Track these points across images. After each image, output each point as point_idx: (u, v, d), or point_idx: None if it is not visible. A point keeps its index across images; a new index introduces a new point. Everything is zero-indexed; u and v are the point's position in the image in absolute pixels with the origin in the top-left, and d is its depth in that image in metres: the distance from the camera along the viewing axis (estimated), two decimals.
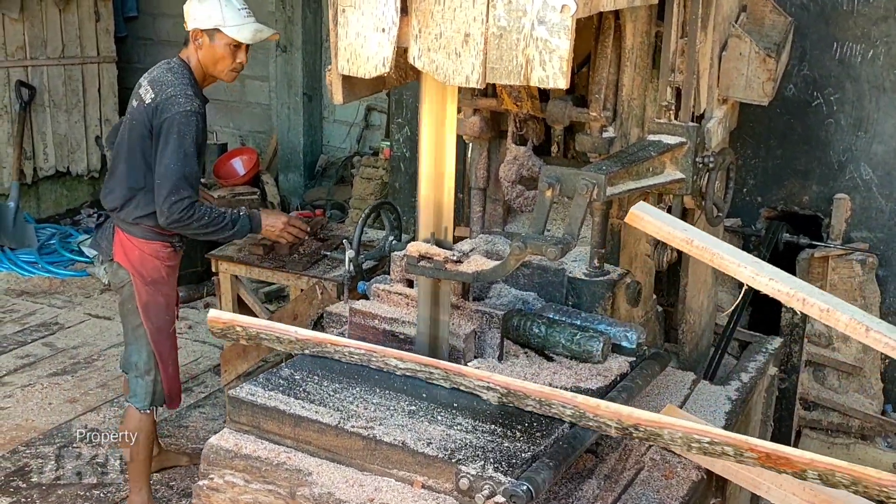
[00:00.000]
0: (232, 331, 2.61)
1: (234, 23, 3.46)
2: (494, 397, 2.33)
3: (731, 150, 3.17)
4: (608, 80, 2.81)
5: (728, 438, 2.03)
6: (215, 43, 3.49)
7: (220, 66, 3.54)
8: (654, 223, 2.43)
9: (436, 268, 2.53)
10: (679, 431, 2.09)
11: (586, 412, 2.19)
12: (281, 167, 8.25)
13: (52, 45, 7.67)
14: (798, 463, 1.96)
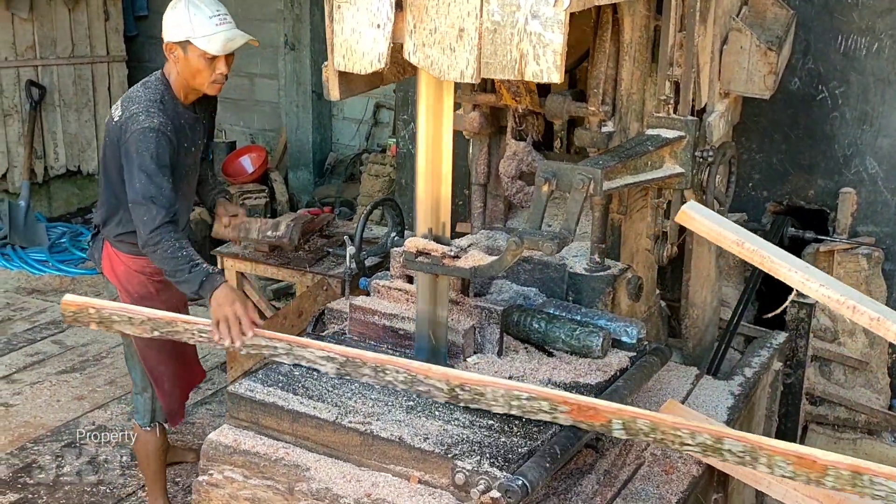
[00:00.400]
0: (84, 314, 2.68)
1: (204, 33, 3.21)
2: (333, 368, 2.46)
3: (733, 143, 3.16)
4: (607, 74, 2.80)
5: (542, 393, 2.21)
6: (189, 55, 3.24)
7: (199, 80, 3.29)
8: (705, 223, 2.40)
9: (433, 263, 2.53)
10: (501, 389, 2.26)
11: (417, 375, 2.33)
12: (290, 165, 8.26)
13: (61, 44, 7.70)
14: (605, 413, 2.14)
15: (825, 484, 1.97)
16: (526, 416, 2.26)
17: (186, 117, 3.37)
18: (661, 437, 2.13)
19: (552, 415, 2.23)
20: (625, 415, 2.12)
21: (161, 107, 3.25)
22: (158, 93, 3.29)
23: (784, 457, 1.99)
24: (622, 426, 2.16)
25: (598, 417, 2.16)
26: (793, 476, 2.00)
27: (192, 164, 3.46)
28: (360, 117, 8.02)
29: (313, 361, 2.52)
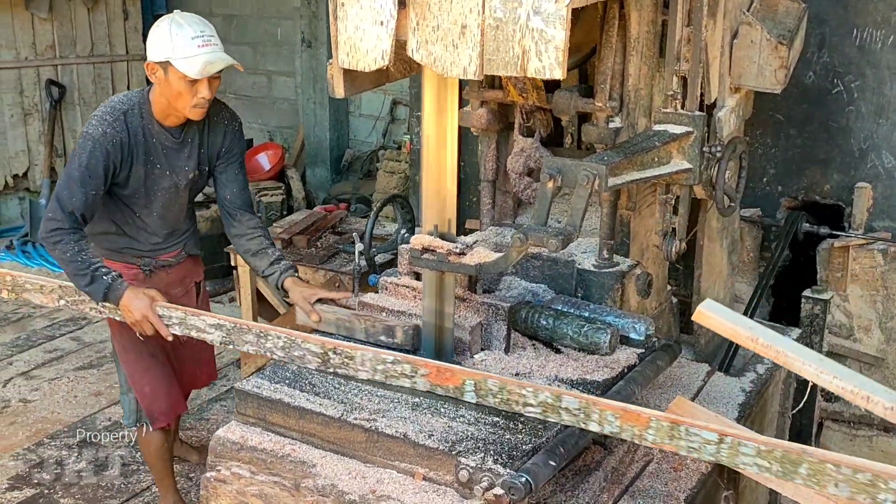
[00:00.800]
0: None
1: (184, 55, 3.06)
2: (220, 336, 2.69)
3: (744, 138, 3.14)
4: (614, 69, 2.78)
5: (405, 358, 2.37)
6: (169, 77, 3.10)
7: (181, 103, 3.15)
8: (721, 321, 2.44)
9: (438, 260, 2.53)
10: (369, 353, 2.39)
11: (296, 340, 2.50)
12: (308, 162, 8.29)
13: (81, 43, 7.77)
14: (460, 376, 2.29)
15: (647, 438, 2.10)
16: (389, 379, 2.39)
17: (162, 138, 3.26)
18: (508, 398, 2.24)
19: (412, 379, 2.37)
20: (476, 377, 2.29)
21: (121, 118, 3.16)
22: (129, 104, 3.21)
23: (613, 411, 2.12)
24: (473, 387, 2.29)
25: (453, 380, 2.32)
26: (619, 430, 2.14)
27: (172, 188, 3.35)
28: (377, 114, 8.05)
29: (203, 330, 2.75)
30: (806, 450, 1.97)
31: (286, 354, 2.54)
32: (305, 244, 4.42)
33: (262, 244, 3.35)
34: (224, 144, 3.40)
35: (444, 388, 2.32)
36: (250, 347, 2.64)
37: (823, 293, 3.91)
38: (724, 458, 2.04)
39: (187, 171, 3.35)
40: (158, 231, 3.41)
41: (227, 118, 3.43)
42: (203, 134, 3.36)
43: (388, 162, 6.92)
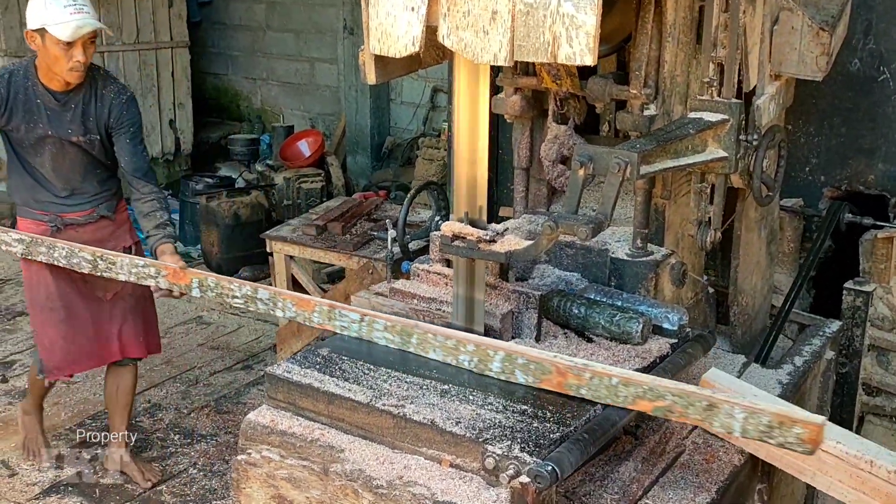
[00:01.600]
0: None
1: (57, 21, 3.44)
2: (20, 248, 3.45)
3: (783, 127, 3.08)
4: (649, 56, 2.74)
5: (151, 262, 3.20)
6: (46, 43, 3.49)
7: (58, 67, 3.53)
8: (726, 391, 2.44)
9: (469, 247, 2.52)
10: (126, 259, 3.25)
11: (74, 249, 3.24)
12: (349, 149, 8.33)
13: (126, 30, 7.87)
14: (190, 275, 3.12)
15: (314, 320, 2.75)
16: (140, 281, 3.27)
17: (45, 99, 3.63)
18: (221, 292, 2.98)
19: (156, 279, 3.20)
20: (200, 275, 3.08)
21: (6, 76, 3.63)
22: (18, 67, 3.67)
23: (291, 300, 2.78)
24: (198, 284, 3.07)
25: (184, 279, 3.13)
26: (295, 314, 2.81)
27: (57, 145, 3.69)
28: (418, 101, 8.05)
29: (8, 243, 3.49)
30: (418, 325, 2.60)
31: (68, 262, 3.33)
32: (340, 231, 4.44)
33: (153, 207, 3.72)
34: (112, 116, 3.73)
35: (178, 286, 3.19)
36: (43, 257, 3.40)
37: (866, 285, 3.83)
38: (365, 332, 2.66)
39: (70, 133, 3.68)
40: (57, 186, 3.76)
41: (115, 91, 3.76)
42: (89, 103, 3.70)
43: (427, 149, 6.92)
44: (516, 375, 2.41)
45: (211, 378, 4.82)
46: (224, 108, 9.36)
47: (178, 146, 8.39)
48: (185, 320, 5.57)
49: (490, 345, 2.46)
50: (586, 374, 2.31)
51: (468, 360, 2.49)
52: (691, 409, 2.16)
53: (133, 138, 3.76)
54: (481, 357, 2.47)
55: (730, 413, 2.11)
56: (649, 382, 2.22)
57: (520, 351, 2.42)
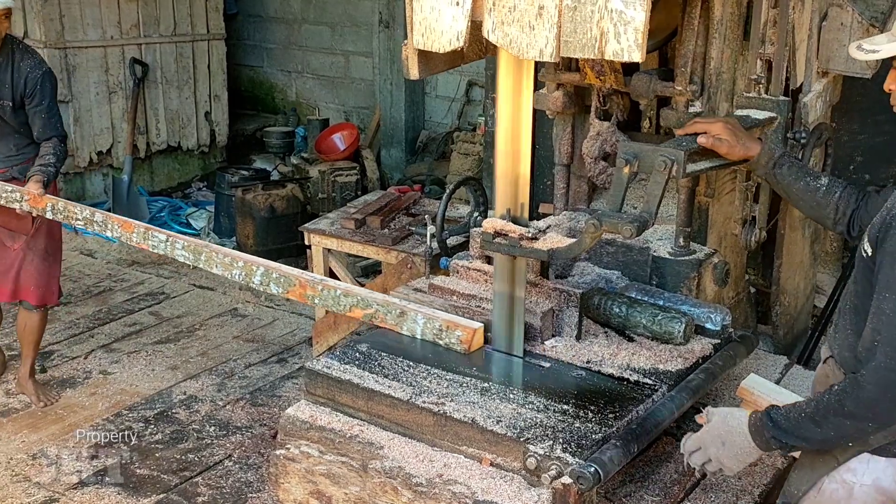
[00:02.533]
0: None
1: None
2: None
3: (831, 124, 3.03)
4: (695, 52, 2.70)
5: (19, 189, 3.98)
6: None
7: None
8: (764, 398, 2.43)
9: (511, 245, 2.51)
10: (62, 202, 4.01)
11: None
12: (383, 142, 8.31)
13: (164, 23, 7.90)
14: (45, 200, 3.92)
15: (133, 238, 3.63)
16: (8, 204, 4.01)
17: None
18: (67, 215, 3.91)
19: (20, 203, 3.93)
20: (53, 200, 3.93)
21: None
22: None
23: (118, 222, 3.70)
24: (51, 208, 3.89)
25: (41, 203, 3.89)
26: (120, 235, 3.69)
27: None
28: (453, 95, 8.01)
29: None
30: (209, 245, 3.43)
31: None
32: (379, 225, 4.43)
33: (45, 152, 4.14)
34: (27, 87, 4.08)
35: (36, 209, 3.91)
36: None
37: None
38: (169, 252, 3.49)
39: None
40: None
41: (31, 66, 4.11)
42: (6, 72, 4.06)
43: (463, 143, 6.88)
44: (271, 288, 3.13)
45: (246, 371, 4.83)
46: (259, 100, 9.37)
47: (214, 138, 8.41)
48: (220, 312, 5.58)
49: (254, 262, 3.20)
50: (319, 286, 3.00)
51: (238, 274, 3.22)
52: (389, 315, 2.77)
53: (47, 111, 4.16)
54: (247, 272, 3.19)
55: (414, 319, 2.71)
56: (363, 294, 2.91)
57: (274, 267, 3.15)
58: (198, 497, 3.75)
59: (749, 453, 2.14)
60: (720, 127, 2.45)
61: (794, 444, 2.10)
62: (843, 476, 2.12)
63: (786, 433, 2.07)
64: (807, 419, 2.05)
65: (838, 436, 2.04)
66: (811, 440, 2.08)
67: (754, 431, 2.11)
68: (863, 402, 1.97)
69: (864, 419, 1.99)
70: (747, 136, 2.48)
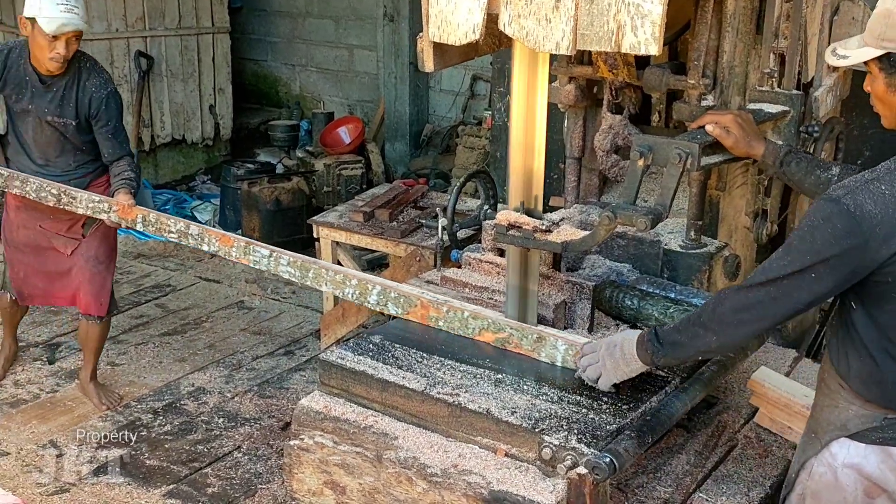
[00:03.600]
0: None
1: (47, 14, 3.78)
2: None
3: (842, 119, 3.04)
4: (708, 46, 2.72)
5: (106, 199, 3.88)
6: (35, 32, 3.84)
7: (42, 55, 3.87)
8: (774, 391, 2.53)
9: (525, 237, 2.52)
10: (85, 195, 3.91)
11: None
12: (388, 136, 8.33)
13: (169, 16, 7.90)
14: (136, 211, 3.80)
15: (232, 254, 3.38)
16: (95, 214, 3.92)
17: (32, 78, 3.99)
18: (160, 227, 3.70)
19: (108, 214, 3.83)
20: (143, 212, 3.75)
21: (5, 51, 4.02)
22: (16, 45, 4.06)
23: (216, 237, 3.47)
24: (142, 220, 3.74)
25: (130, 214, 3.77)
26: (218, 249, 3.44)
27: (35, 121, 4.04)
28: (457, 89, 8.03)
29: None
30: (316, 262, 3.15)
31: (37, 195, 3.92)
32: (387, 218, 4.44)
33: (121, 168, 4.04)
34: (91, 107, 4.03)
35: (124, 220, 3.78)
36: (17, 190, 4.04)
37: None
38: (272, 267, 3.22)
39: (46, 112, 4.01)
40: (33, 155, 4.12)
41: (97, 85, 4.03)
42: (71, 90, 4.01)
43: (468, 137, 6.90)
44: (389, 308, 2.81)
45: (254, 363, 4.85)
46: (263, 93, 9.38)
47: (218, 131, 8.42)
48: (226, 305, 5.60)
49: (369, 280, 2.91)
50: (443, 308, 2.68)
51: (351, 293, 2.93)
52: (525, 340, 2.54)
53: (114, 132, 4.10)
54: (361, 290, 2.89)
55: (554, 345, 2.50)
56: (493, 317, 2.62)
57: (392, 286, 2.83)
58: (208, 488, 3.77)
59: (628, 363, 2.27)
60: (730, 119, 2.48)
61: (664, 353, 2.21)
62: (827, 458, 2.17)
63: (658, 340, 2.20)
64: (674, 329, 2.22)
65: (690, 345, 2.19)
66: (675, 346, 2.20)
67: (639, 342, 2.25)
68: (715, 316, 2.11)
69: (710, 331, 2.12)
70: (755, 135, 2.50)
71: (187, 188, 8.15)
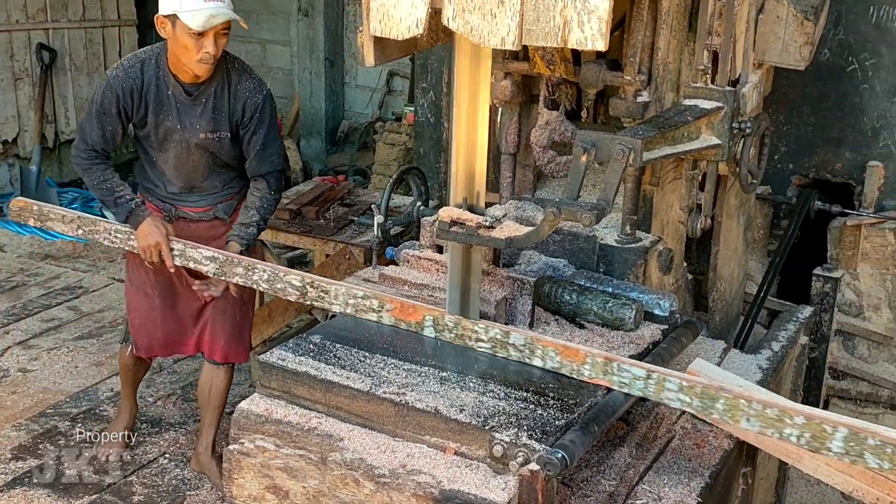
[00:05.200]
0: (27, 210, 3.53)
1: (190, 8, 3.17)
2: (213, 268, 3.15)
3: (767, 115, 3.12)
4: (643, 42, 2.75)
5: (375, 294, 2.67)
6: (177, 31, 3.21)
7: (187, 58, 3.25)
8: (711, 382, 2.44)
9: (468, 233, 2.50)
10: (342, 288, 2.73)
11: (279, 273, 2.91)
12: (303, 132, 8.22)
13: (72, 7, 7.63)
14: (421, 311, 2.60)
15: (584, 373, 2.39)
16: (359, 314, 2.71)
17: (176, 91, 3.36)
18: (462, 333, 2.55)
19: (379, 313, 2.68)
20: (434, 312, 2.60)
21: (138, 66, 3.35)
22: (149, 55, 3.39)
23: (554, 348, 2.44)
24: (432, 322, 2.60)
25: (415, 315, 2.63)
26: (560, 365, 2.43)
27: (183, 143, 3.44)
28: (374, 85, 7.97)
29: (199, 261, 3.21)
30: (723, 387, 2.23)
31: (270, 287, 2.95)
32: (314, 215, 4.37)
33: (252, 203, 3.51)
34: (245, 114, 3.42)
35: (406, 322, 2.65)
36: (239, 279, 3.07)
37: (834, 271, 3.91)
38: (652, 393, 2.32)
39: (198, 129, 3.41)
40: (174, 181, 3.54)
41: (251, 88, 3.45)
42: (222, 98, 3.40)
43: (389, 134, 6.85)
44: (865, 459, 2.03)
45: (175, 365, 4.71)
46: None
47: None
48: None
49: (825, 419, 2.08)
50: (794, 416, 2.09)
51: (796, 436, 2.12)
52: None
53: (265, 141, 3.47)
54: (814, 433, 2.08)
55: None
56: None
57: (868, 429, 2.02)
58: (133, 496, 3.65)
59: None
60: None
61: None
62: None
63: None
64: None
65: None
66: None
67: None
68: None
69: None
70: None
71: None
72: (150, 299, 3.65)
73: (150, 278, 3.60)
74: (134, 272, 3.67)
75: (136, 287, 3.68)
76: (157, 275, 3.55)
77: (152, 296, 3.64)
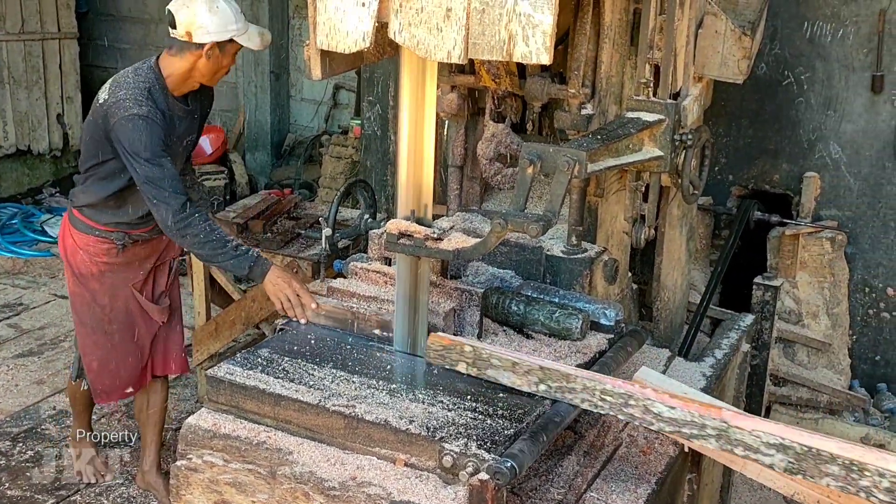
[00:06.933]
0: (453, 351, 2.50)
1: (244, 30, 3.27)
2: None
3: (707, 128, 3.19)
4: (587, 56, 2.80)
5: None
6: (224, 53, 3.26)
7: (218, 75, 3.36)
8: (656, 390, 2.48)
9: (416, 245, 2.51)
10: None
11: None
12: (248, 146, 8.16)
13: (11, 19, 7.49)
14: None
15: None
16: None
17: (176, 109, 3.34)
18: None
19: None
20: None
21: (149, 95, 3.21)
22: (148, 82, 3.25)
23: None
24: None
25: None
26: None
27: (178, 156, 3.42)
28: (320, 98, 7.95)
29: None
30: None
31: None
32: (261, 229, 4.35)
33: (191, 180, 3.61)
34: (207, 107, 3.60)
35: None
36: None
37: (774, 280, 4.00)
38: None
39: (188, 138, 3.48)
40: (142, 208, 3.36)
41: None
42: (202, 102, 3.52)
43: (335, 147, 6.84)
44: None
45: None
46: None
47: (67, 142, 8.03)
48: None
49: None
50: None
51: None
52: None
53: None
54: None
55: None
56: None
57: None
58: None
59: None
60: None
61: None
62: None
63: None
64: None
65: None
66: None
67: None
68: None
69: None
70: None
71: (34, 201, 7.73)
72: (108, 337, 3.52)
73: (106, 314, 3.49)
74: (85, 313, 3.50)
75: (89, 329, 3.52)
76: (112, 308, 3.48)
77: (111, 332, 3.52)
